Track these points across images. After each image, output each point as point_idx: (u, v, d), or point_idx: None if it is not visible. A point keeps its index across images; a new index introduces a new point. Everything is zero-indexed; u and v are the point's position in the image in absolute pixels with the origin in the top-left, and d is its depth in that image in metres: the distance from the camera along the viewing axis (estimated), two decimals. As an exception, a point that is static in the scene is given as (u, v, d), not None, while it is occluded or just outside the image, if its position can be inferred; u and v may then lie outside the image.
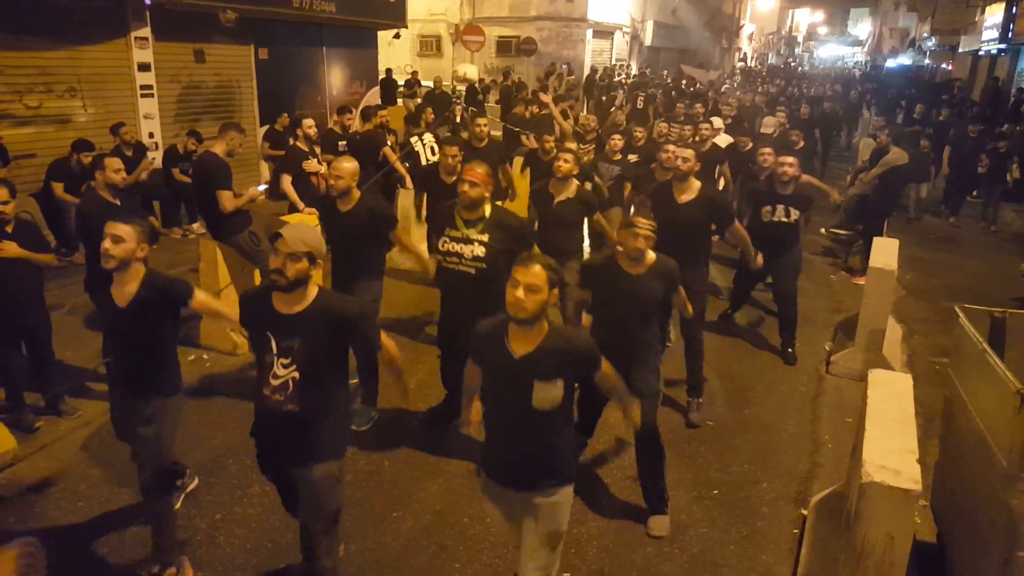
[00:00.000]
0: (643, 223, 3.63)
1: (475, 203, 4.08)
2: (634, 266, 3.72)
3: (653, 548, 3.79)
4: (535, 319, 2.61)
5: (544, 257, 2.68)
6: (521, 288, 2.55)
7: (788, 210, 5.86)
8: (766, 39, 57.29)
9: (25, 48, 8.33)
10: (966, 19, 26.14)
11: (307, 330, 2.82)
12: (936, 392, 4.86)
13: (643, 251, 3.67)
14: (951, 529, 3.56)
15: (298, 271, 2.78)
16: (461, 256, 4.12)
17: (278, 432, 2.93)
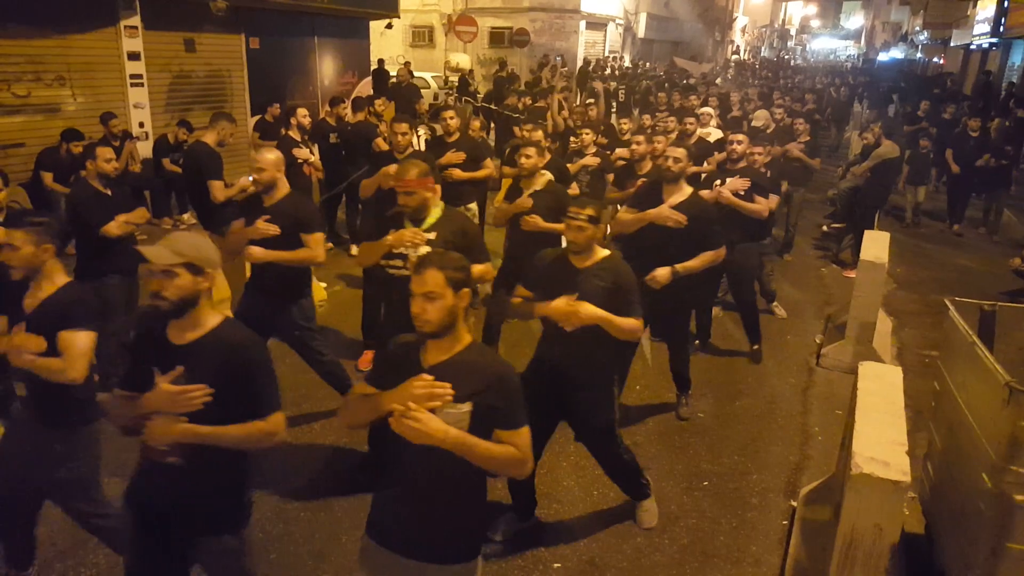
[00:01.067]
0: (577, 212, 3.33)
1: (419, 209, 3.69)
2: (580, 260, 3.42)
3: (643, 538, 3.81)
4: (445, 330, 2.25)
5: (445, 257, 2.31)
6: (418, 299, 2.23)
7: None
8: (759, 32, 57.30)
9: (14, 36, 8.25)
10: (958, 13, 26.25)
11: (196, 366, 2.31)
12: (925, 384, 4.90)
13: (581, 244, 3.37)
14: (939, 520, 3.59)
15: (180, 289, 2.30)
16: (405, 259, 3.66)
17: (160, 490, 2.39)
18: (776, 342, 6.43)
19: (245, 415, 2.33)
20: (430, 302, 2.21)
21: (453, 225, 3.74)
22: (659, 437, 4.80)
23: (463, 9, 23.60)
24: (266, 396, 2.40)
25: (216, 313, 2.44)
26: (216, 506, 2.43)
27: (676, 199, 4.51)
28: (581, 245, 3.37)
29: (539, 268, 3.53)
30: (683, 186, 4.56)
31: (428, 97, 18.15)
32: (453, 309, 2.25)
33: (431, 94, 19.28)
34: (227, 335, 2.40)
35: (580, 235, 3.34)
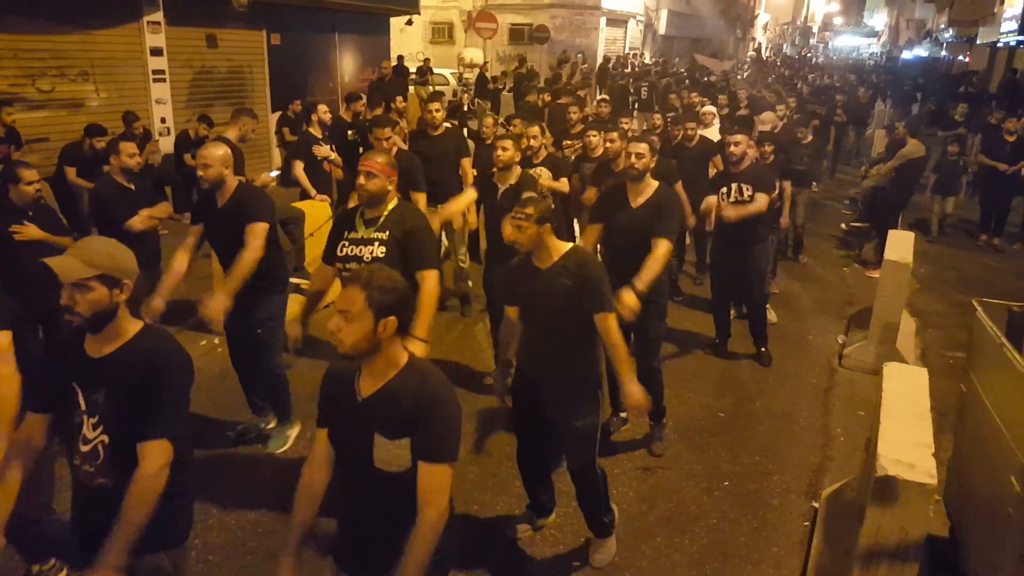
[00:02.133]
0: (518, 211, 3.13)
1: (375, 198, 3.45)
2: (541, 260, 3.22)
3: (663, 539, 3.79)
4: (363, 354, 2.04)
5: (377, 275, 2.06)
6: (336, 315, 2.01)
7: (741, 188, 5.48)
8: (781, 29, 56.77)
9: (38, 32, 8.35)
10: (984, 10, 25.82)
11: (114, 378, 2.16)
12: (950, 386, 4.82)
13: (524, 244, 3.16)
14: (965, 524, 3.53)
15: (93, 303, 2.12)
16: (360, 260, 3.43)
17: (92, 513, 2.24)
18: (798, 342, 6.37)
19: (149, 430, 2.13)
20: (347, 322, 2.00)
21: (405, 223, 3.49)
22: (679, 437, 4.76)
23: (483, 5, 23.57)
24: (163, 416, 2.14)
25: (135, 321, 2.26)
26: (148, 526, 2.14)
27: (642, 199, 4.25)
28: (525, 246, 3.17)
29: (510, 274, 3.38)
30: (648, 183, 4.28)
31: (447, 94, 18.19)
32: (371, 336, 2.01)
33: (450, 91, 19.31)
34: (146, 344, 2.21)
35: (521, 235, 3.13)
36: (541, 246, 3.18)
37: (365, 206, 3.50)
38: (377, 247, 3.43)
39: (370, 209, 3.51)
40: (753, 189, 5.45)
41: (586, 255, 3.29)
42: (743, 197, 5.46)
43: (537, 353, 3.34)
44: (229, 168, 3.93)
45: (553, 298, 3.15)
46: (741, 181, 5.51)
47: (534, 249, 3.19)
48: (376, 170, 3.42)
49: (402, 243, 3.41)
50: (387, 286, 2.04)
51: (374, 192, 3.45)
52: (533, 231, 3.12)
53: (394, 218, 3.49)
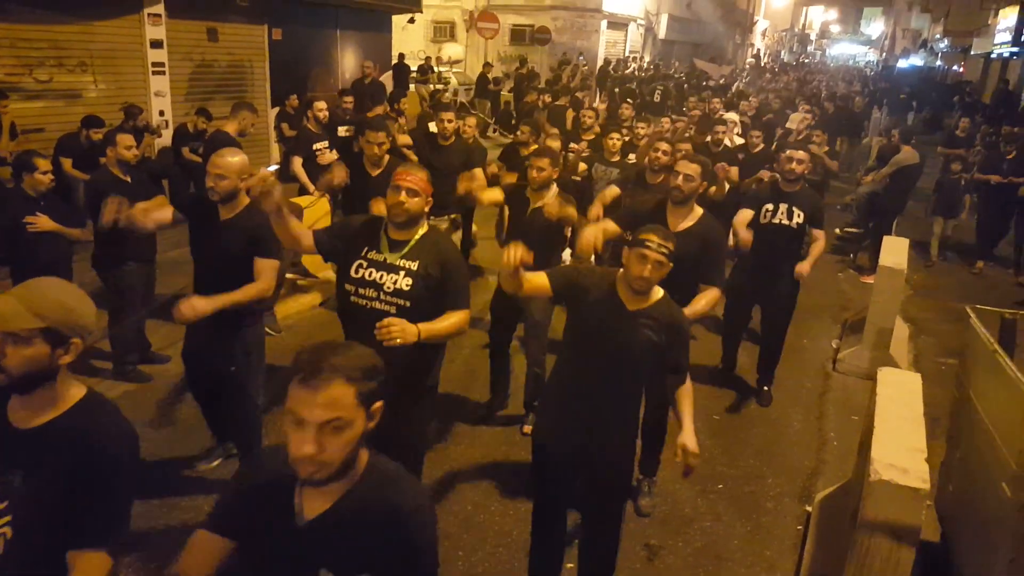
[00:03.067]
0: (659, 243, 2.70)
1: (412, 218, 2.97)
2: (634, 301, 2.81)
3: (657, 541, 3.80)
4: (342, 472, 1.52)
5: (353, 354, 1.53)
6: (310, 429, 1.43)
7: (791, 211, 4.90)
8: (779, 36, 56.97)
9: (37, 21, 8.30)
10: (979, 21, 25.99)
11: (38, 459, 1.69)
12: (942, 392, 4.85)
13: (653, 282, 2.77)
14: (957, 529, 3.55)
15: (28, 361, 1.66)
16: (380, 288, 2.93)
17: None
18: (792, 346, 6.37)
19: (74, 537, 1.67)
20: (333, 434, 1.45)
21: (441, 255, 3.00)
22: (673, 439, 4.74)
23: (485, 6, 23.58)
24: (102, 520, 1.70)
25: (77, 387, 1.80)
26: None
27: (685, 224, 3.82)
28: (651, 285, 2.76)
29: (576, 286, 2.90)
30: (693, 208, 3.88)
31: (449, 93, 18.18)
32: (360, 439, 1.52)
33: (451, 90, 19.30)
34: (84, 422, 1.73)
35: (658, 273, 2.72)
36: (655, 289, 2.83)
37: (394, 225, 2.98)
38: (403, 277, 2.91)
39: (398, 230, 2.99)
40: (806, 217, 4.87)
41: (678, 309, 2.91)
42: (790, 222, 4.88)
43: (581, 401, 2.85)
44: (245, 179, 3.50)
45: (633, 346, 2.76)
46: (792, 203, 4.87)
47: (645, 288, 2.76)
48: (420, 188, 2.95)
49: (435, 279, 2.94)
50: (369, 364, 1.54)
51: (414, 213, 2.96)
52: (664, 271, 2.74)
53: (427, 247, 2.99)
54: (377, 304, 2.91)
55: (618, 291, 2.79)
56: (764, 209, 4.93)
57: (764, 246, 4.83)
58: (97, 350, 5.28)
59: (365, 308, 2.93)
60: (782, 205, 4.88)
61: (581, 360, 2.86)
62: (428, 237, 3.03)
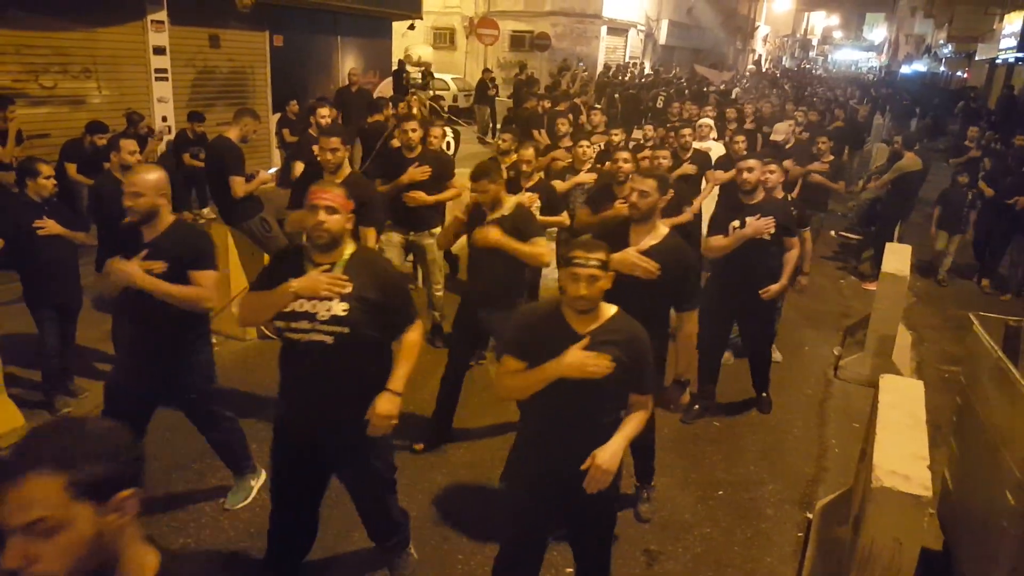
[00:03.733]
0: (586, 256, 2.46)
1: (335, 239, 2.74)
2: (584, 321, 2.55)
3: (656, 546, 3.79)
4: None
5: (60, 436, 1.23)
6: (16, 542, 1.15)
7: None
8: (781, 41, 57.06)
9: (42, 28, 8.36)
10: (984, 26, 26.01)
11: None
12: (945, 400, 4.84)
13: (593, 299, 2.50)
14: (959, 537, 3.54)
15: None
16: (313, 318, 2.70)
17: None
18: (794, 353, 6.38)
19: None
20: (43, 539, 1.15)
21: (369, 272, 2.80)
22: (674, 445, 4.77)
23: (485, 12, 23.67)
24: None
25: None
26: None
27: (648, 242, 3.52)
28: (593, 302, 2.51)
29: (525, 327, 2.69)
30: (656, 226, 3.56)
31: (447, 99, 18.22)
32: (87, 544, 1.19)
33: (450, 96, 19.35)
34: None
35: (593, 289, 2.46)
36: (601, 306, 2.58)
37: (319, 249, 2.77)
38: (337, 303, 2.70)
39: (322, 254, 2.77)
40: (774, 226, 4.68)
41: (636, 323, 2.65)
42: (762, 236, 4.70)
43: (553, 441, 2.64)
44: (165, 197, 3.32)
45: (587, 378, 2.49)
46: (757, 216, 4.69)
47: (587, 307, 2.51)
48: (339, 204, 2.73)
49: (372, 300, 2.74)
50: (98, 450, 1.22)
51: (336, 233, 2.74)
52: (603, 284, 2.49)
53: (357, 267, 2.78)
54: (313, 336, 2.70)
55: (565, 317, 2.55)
56: (731, 228, 4.73)
57: (738, 263, 4.71)
58: (102, 352, 5.30)
59: (300, 342, 2.72)
60: (748, 219, 4.69)
61: (545, 398, 2.57)
62: (357, 256, 2.82)
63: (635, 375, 2.59)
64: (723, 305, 4.90)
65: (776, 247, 4.80)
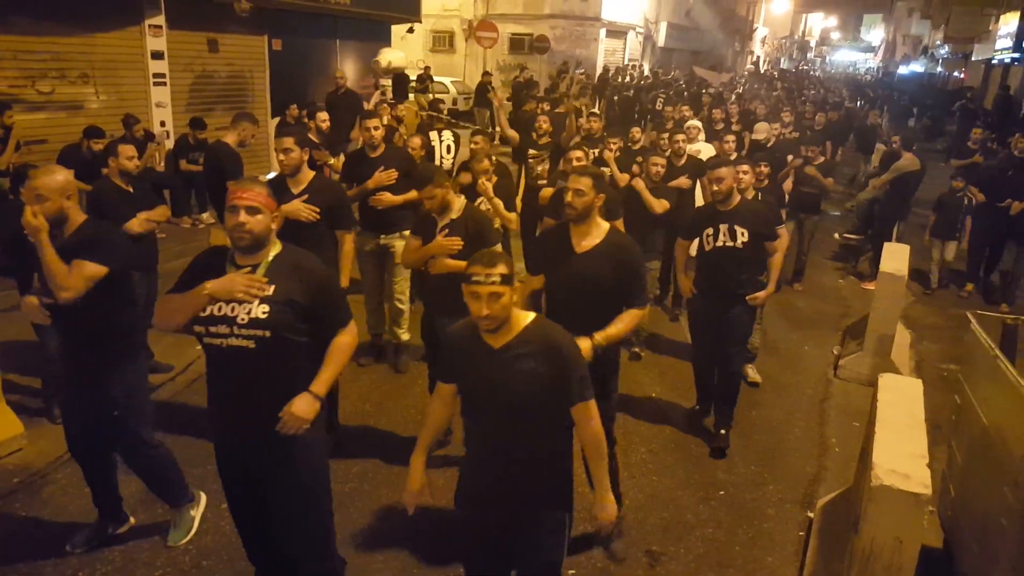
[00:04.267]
0: (485, 273, 2.32)
1: (258, 240, 2.61)
2: (498, 336, 2.43)
3: (658, 547, 3.79)
4: None
5: None
6: None
7: (733, 230, 4.48)
8: (779, 43, 57.15)
9: (39, 33, 8.36)
10: (980, 27, 26.04)
11: None
12: (944, 398, 4.84)
13: (497, 317, 2.34)
14: (959, 535, 3.54)
15: None
16: (232, 322, 2.57)
17: None
18: (794, 353, 6.39)
19: None
20: None
21: (297, 274, 2.67)
22: (676, 446, 4.77)
23: (484, 15, 23.70)
24: None
25: None
26: None
27: (589, 243, 3.40)
28: (499, 320, 2.36)
29: (450, 346, 2.61)
30: (597, 223, 3.42)
31: (447, 102, 18.24)
32: None
33: (450, 99, 19.37)
34: None
35: (496, 307, 2.32)
36: (512, 318, 2.42)
37: (241, 251, 2.63)
38: (257, 306, 2.57)
39: (245, 255, 2.65)
40: (751, 233, 4.48)
41: (555, 328, 2.50)
42: (734, 242, 4.49)
43: (491, 463, 2.53)
44: (72, 199, 3.21)
45: (513, 386, 2.39)
46: (733, 222, 4.49)
47: (492, 325, 2.36)
48: (261, 203, 2.60)
49: (299, 304, 2.63)
50: None
51: (259, 234, 2.60)
52: (508, 299, 2.35)
53: (283, 269, 2.66)
54: (233, 340, 2.57)
55: (480, 333, 2.43)
56: (705, 235, 4.59)
57: (714, 272, 4.60)
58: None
59: (221, 348, 2.59)
60: (721, 226, 4.51)
61: (475, 419, 2.52)
62: (283, 258, 2.69)
63: (561, 387, 2.41)
64: (703, 317, 4.78)
65: (754, 254, 4.54)
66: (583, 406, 2.46)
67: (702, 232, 4.60)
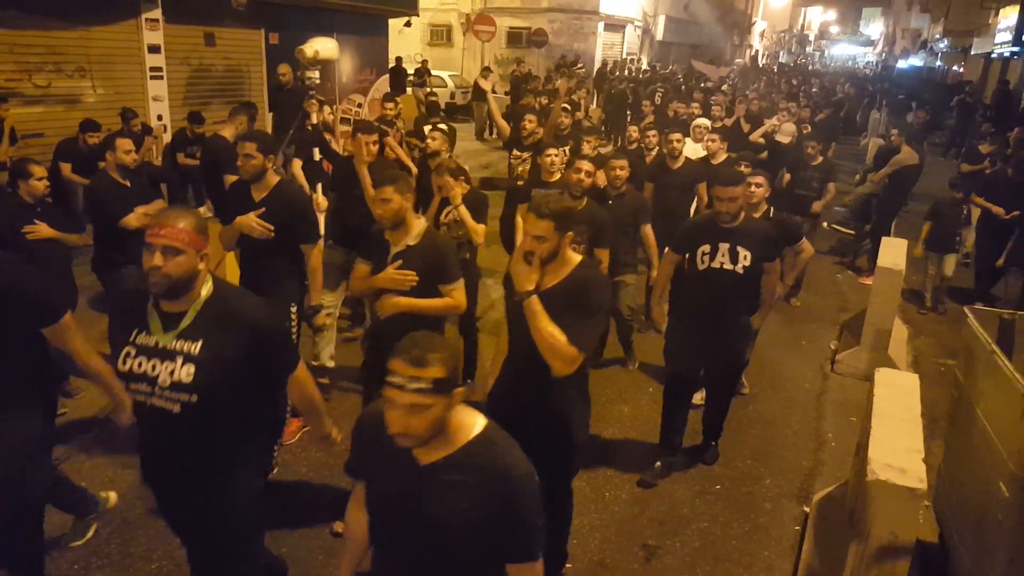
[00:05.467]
0: (400, 375, 1.70)
1: (179, 284, 2.21)
2: (429, 449, 1.82)
3: (655, 541, 3.80)
4: None
5: None
6: None
7: (735, 251, 3.88)
8: (778, 37, 57.05)
9: (35, 27, 8.32)
10: (979, 21, 26.02)
11: None
12: (941, 393, 4.86)
13: (411, 438, 1.74)
14: (955, 530, 3.55)
15: None
16: (153, 382, 2.23)
17: None
18: (791, 347, 6.40)
19: None
20: None
21: (232, 323, 2.28)
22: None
23: (482, 8, 23.62)
24: None
25: None
26: None
27: (551, 280, 2.82)
28: (422, 436, 1.75)
29: (358, 444, 2.02)
30: (565, 259, 2.84)
31: (444, 96, 18.20)
32: None
33: (447, 93, 19.31)
34: None
35: (418, 422, 1.71)
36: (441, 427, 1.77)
37: (162, 296, 2.24)
38: (182, 366, 2.21)
39: (169, 301, 2.25)
40: (754, 256, 3.88)
41: (507, 451, 1.83)
42: (734, 265, 3.88)
43: None
44: None
45: (438, 517, 1.79)
46: (736, 242, 3.88)
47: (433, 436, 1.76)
48: (183, 243, 2.18)
49: (232, 360, 2.25)
50: None
51: (178, 278, 2.18)
52: (440, 411, 1.72)
53: (214, 317, 2.26)
54: (156, 401, 2.24)
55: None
56: (700, 252, 3.94)
57: (704, 296, 4.01)
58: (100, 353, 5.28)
59: (145, 405, 2.28)
60: (722, 245, 3.88)
61: (383, 547, 1.96)
62: (214, 303, 2.28)
63: (502, 532, 1.79)
64: (689, 353, 4.15)
65: (754, 280, 4.01)
66: (525, 568, 1.85)
67: (697, 248, 3.96)
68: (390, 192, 3.33)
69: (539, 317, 2.69)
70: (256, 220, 3.88)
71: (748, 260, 3.86)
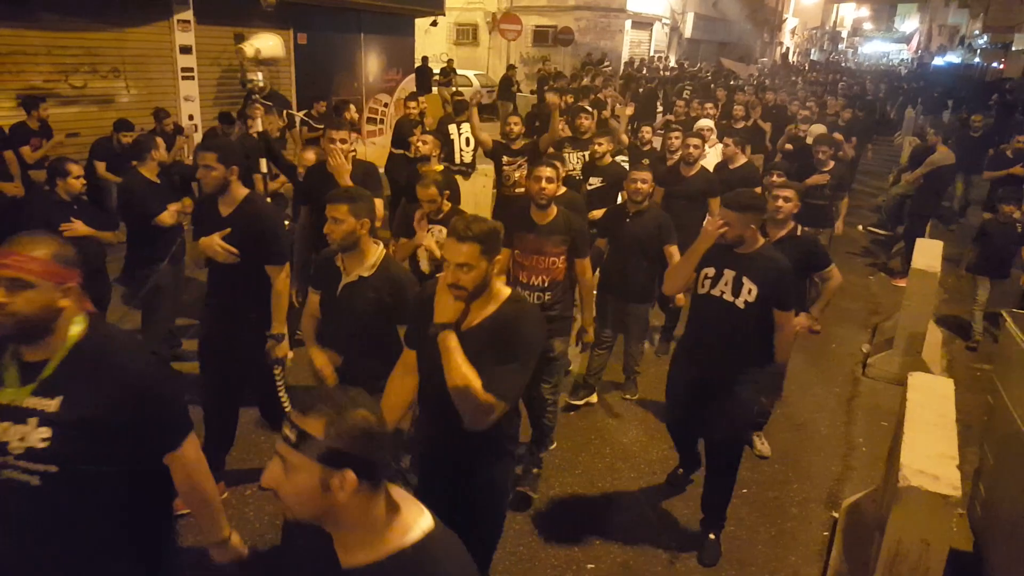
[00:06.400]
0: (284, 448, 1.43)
1: (32, 327, 1.81)
2: (351, 551, 1.48)
3: (679, 544, 3.75)
4: None
5: None
6: None
7: (740, 282, 3.32)
8: (809, 34, 56.27)
9: (72, 29, 8.51)
10: (1021, 16, 25.39)
11: None
12: (976, 398, 4.75)
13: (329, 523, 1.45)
14: (989, 538, 3.47)
15: None
16: (3, 450, 1.79)
17: None
18: (821, 350, 6.30)
19: None
20: None
21: (102, 374, 1.84)
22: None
23: (508, 7, 23.64)
24: None
25: None
26: None
27: (476, 318, 2.46)
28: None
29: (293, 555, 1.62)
30: (492, 296, 2.45)
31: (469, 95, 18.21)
32: None
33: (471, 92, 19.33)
34: None
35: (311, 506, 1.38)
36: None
37: (11, 340, 1.84)
38: (34, 429, 1.78)
39: (28, 347, 1.85)
40: (759, 293, 3.29)
41: (447, 558, 1.45)
42: (734, 298, 3.33)
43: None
44: None
45: None
46: (743, 271, 3.32)
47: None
48: (31, 275, 1.78)
49: (102, 422, 1.80)
50: None
51: (26, 318, 1.78)
52: (334, 500, 1.37)
53: (82, 367, 1.84)
54: (9, 472, 1.79)
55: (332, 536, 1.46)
56: (703, 273, 3.45)
57: (698, 325, 3.54)
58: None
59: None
60: (727, 272, 3.36)
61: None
62: (84, 350, 1.85)
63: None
64: (681, 383, 3.66)
65: (749, 323, 3.34)
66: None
67: (702, 268, 3.45)
68: (343, 212, 2.95)
69: (453, 354, 2.28)
70: (219, 243, 3.45)
71: (752, 296, 3.28)
